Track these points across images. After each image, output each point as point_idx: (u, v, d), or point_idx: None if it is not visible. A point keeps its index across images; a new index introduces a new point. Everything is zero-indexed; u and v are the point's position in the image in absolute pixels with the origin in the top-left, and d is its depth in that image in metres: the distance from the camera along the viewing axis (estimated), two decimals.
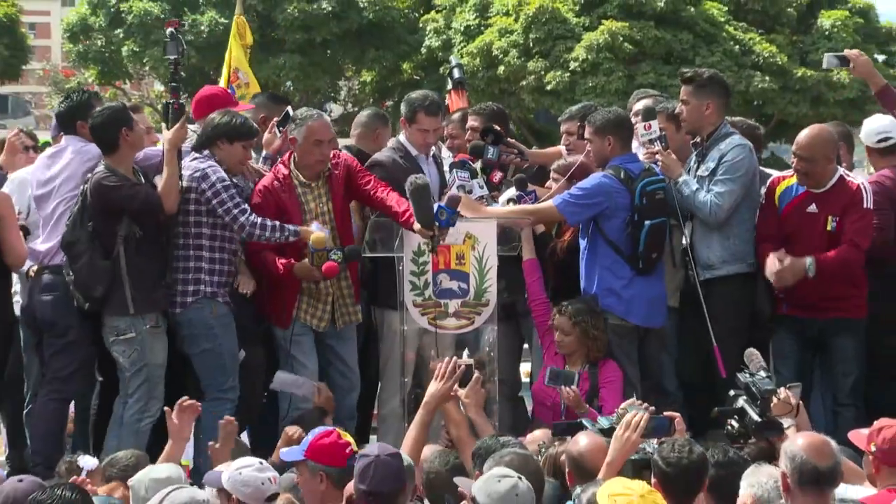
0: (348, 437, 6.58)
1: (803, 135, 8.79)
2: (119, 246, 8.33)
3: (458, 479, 6.31)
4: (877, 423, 6.51)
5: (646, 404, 6.92)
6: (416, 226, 8.20)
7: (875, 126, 9.17)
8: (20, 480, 6.09)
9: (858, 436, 6.57)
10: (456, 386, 7.68)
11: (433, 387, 7.43)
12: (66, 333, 8.61)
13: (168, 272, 8.52)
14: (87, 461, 6.90)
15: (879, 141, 9.05)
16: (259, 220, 8.44)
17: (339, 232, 8.72)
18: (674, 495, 5.84)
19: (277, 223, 8.45)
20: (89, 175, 8.46)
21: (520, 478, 5.73)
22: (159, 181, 8.48)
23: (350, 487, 6.19)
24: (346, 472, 6.22)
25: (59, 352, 8.65)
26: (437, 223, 8.12)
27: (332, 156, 8.81)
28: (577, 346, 8.37)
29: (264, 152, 9.27)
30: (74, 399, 8.90)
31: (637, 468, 6.25)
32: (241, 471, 6.30)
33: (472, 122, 9.72)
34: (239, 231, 8.51)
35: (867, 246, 8.61)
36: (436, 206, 8.18)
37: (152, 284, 8.41)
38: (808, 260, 8.46)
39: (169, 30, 9.10)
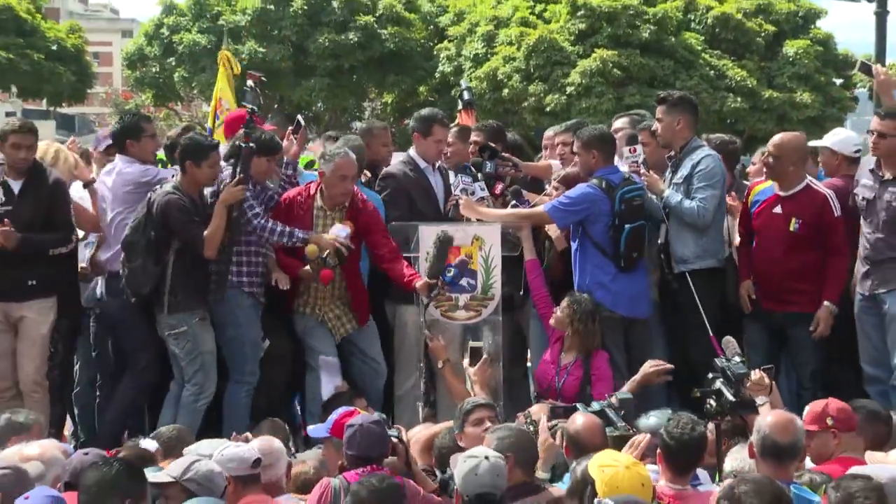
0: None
1: (778, 135, 8.92)
2: (171, 255, 8.32)
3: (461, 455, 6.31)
4: (815, 405, 6.53)
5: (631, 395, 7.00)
6: (418, 283, 8.34)
7: (853, 137, 9.23)
8: (86, 454, 6.04)
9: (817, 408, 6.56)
10: (466, 363, 7.70)
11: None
12: (134, 325, 8.60)
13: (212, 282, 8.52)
14: (149, 443, 6.85)
15: (855, 151, 9.08)
16: (269, 224, 8.45)
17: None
18: (675, 466, 5.85)
19: (287, 229, 8.43)
20: (157, 187, 8.45)
21: (486, 457, 5.65)
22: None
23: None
24: None
25: (132, 342, 8.67)
26: (442, 277, 8.35)
27: (361, 201, 8.75)
28: (577, 338, 8.35)
29: (286, 158, 9.24)
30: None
31: (617, 443, 6.29)
32: (222, 452, 6.22)
33: (474, 136, 9.72)
34: (254, 232, 8.49)
35: (848, 249, 8.67)
36: (448, 266, 8.44)
37: (191, 290, 8.38)
38: (831, 307, 8.55)
39: (249, 82, 9.02)
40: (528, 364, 9.68)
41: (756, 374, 6.89)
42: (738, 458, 6.18)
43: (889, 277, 8.39)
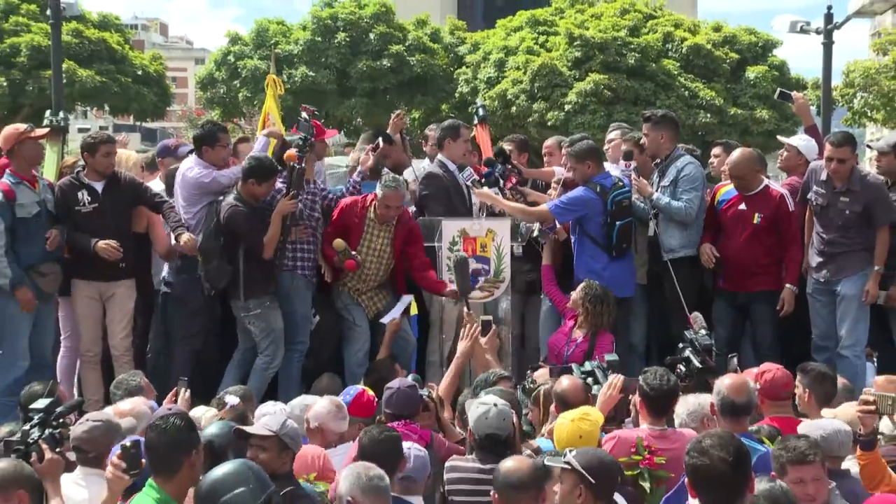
0: (371, 393, 6.64)
1: (733, 157, 8.90)
2: (240, 256, 8.38)
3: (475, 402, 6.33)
4: (761, 367, 6.55)
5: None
6: (446, 291, 8.55)
7: (815, 147, 9.19)
8: (169, 409, 6.04)
9: (751, 375, 6.58)
10: (478, 334, 7.74)
11: (461, 346, 7.47)
12: (191, 303, 8.71)
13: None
14: (231, 398, 6.83)
15: (814, 159, 9.09)
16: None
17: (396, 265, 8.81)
18: (653, 410, 5.92)
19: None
20: (220, 197, 8.51)
21: (495, 405, 5.68)
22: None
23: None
24: (373, 418, 6.32)
25: (188, 316, 8.73)
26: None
27: (408, 218, 8.80)
28: (587, 317, 8.34)
29: (358, 167, 9.22)
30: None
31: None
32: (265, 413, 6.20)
33: (506, 145, 9.80)
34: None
35: (801, 238, 8.74)
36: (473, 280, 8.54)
37: (261, 280, 8.44)
38: (792, 289, 8.65)
39: (304, 114, 8.96)
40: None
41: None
42: (683, 404, 6.20)
43: (842, 267, 8.49)
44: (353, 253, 8.51)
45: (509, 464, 4.92)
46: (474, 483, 5.55)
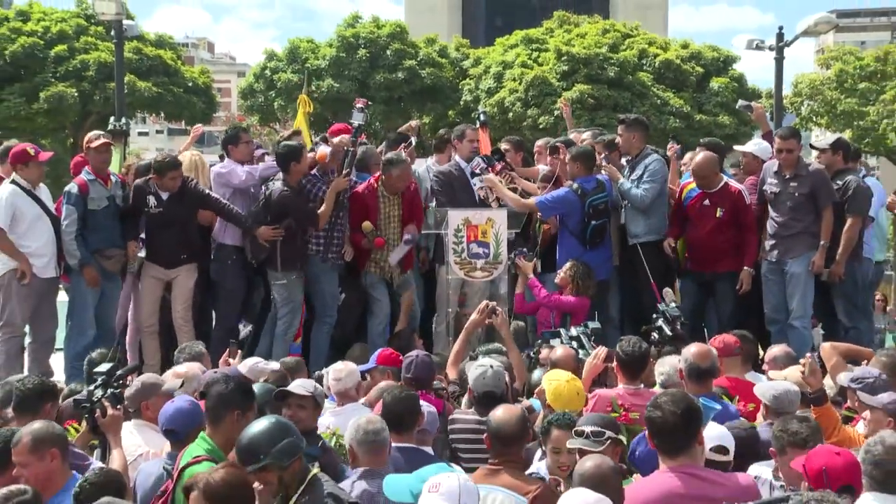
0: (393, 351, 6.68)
1: (696, 162, 8.86)
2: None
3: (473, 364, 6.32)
4: (715, 336, 6.62)
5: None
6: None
7: (768, 148, 9.17)
8: (215, 372, 6.05)
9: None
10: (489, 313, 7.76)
11: (473, 317, 7.46)
12: (224, 287, 8.78)
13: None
14: (273, 364, 6.85)
15: (769, 158, 9.06)
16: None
17: (404, 223, 8.78)
18: (628, 372, 5.93)
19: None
20: (270, 182, 8.55)
21: (491, 366, 5.71)
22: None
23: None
24: (400, 370, 6.32)
25: (222, 299, 8.80)
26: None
27: (415, 188, 8.89)
28: (577, 291, 8.35)
29: None
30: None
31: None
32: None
33: (504, 145, 9.88)
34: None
35: (756, 227, 8.75)
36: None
37: (296, 254, 8.47)
38: (750, 270, 8.61)
39: (358, 104, 9.02)
40: None
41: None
42: (662, 369, 6.20)
43: (790, 247, 8.53)
44: (378, 233, 8.61)
45: (500, 413, 4.93)
46: (474, 433, 5.60)
